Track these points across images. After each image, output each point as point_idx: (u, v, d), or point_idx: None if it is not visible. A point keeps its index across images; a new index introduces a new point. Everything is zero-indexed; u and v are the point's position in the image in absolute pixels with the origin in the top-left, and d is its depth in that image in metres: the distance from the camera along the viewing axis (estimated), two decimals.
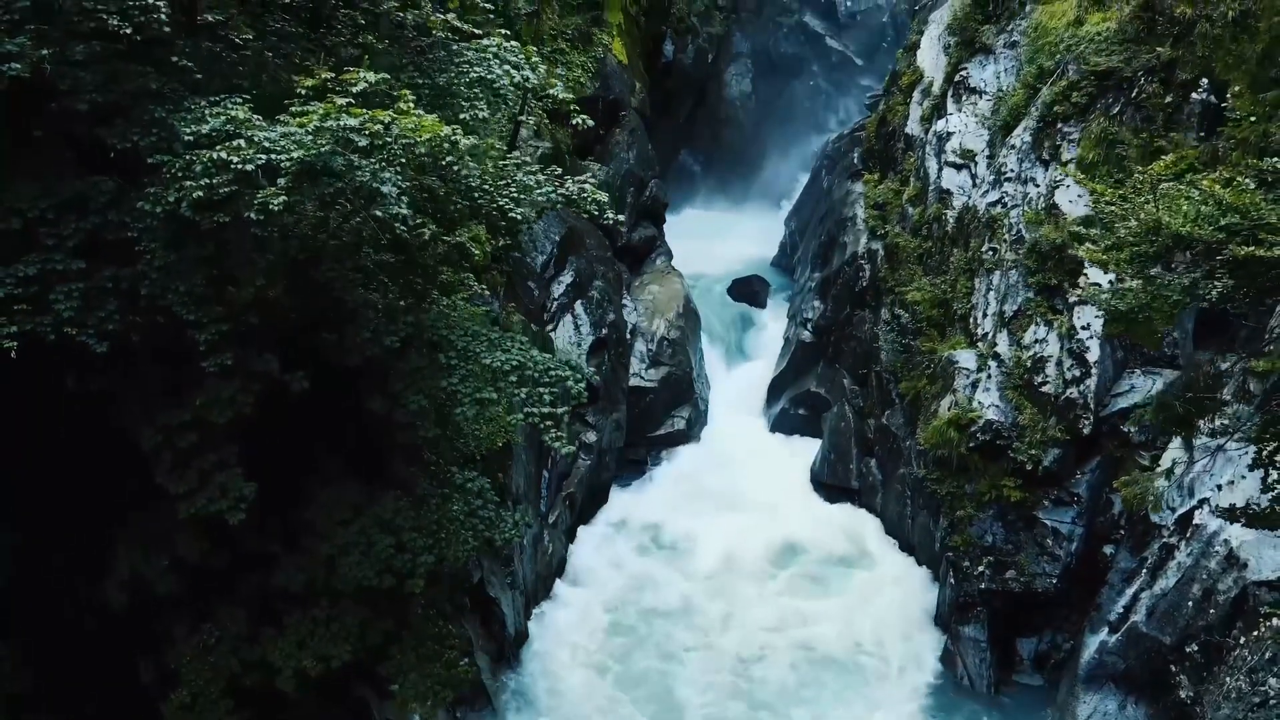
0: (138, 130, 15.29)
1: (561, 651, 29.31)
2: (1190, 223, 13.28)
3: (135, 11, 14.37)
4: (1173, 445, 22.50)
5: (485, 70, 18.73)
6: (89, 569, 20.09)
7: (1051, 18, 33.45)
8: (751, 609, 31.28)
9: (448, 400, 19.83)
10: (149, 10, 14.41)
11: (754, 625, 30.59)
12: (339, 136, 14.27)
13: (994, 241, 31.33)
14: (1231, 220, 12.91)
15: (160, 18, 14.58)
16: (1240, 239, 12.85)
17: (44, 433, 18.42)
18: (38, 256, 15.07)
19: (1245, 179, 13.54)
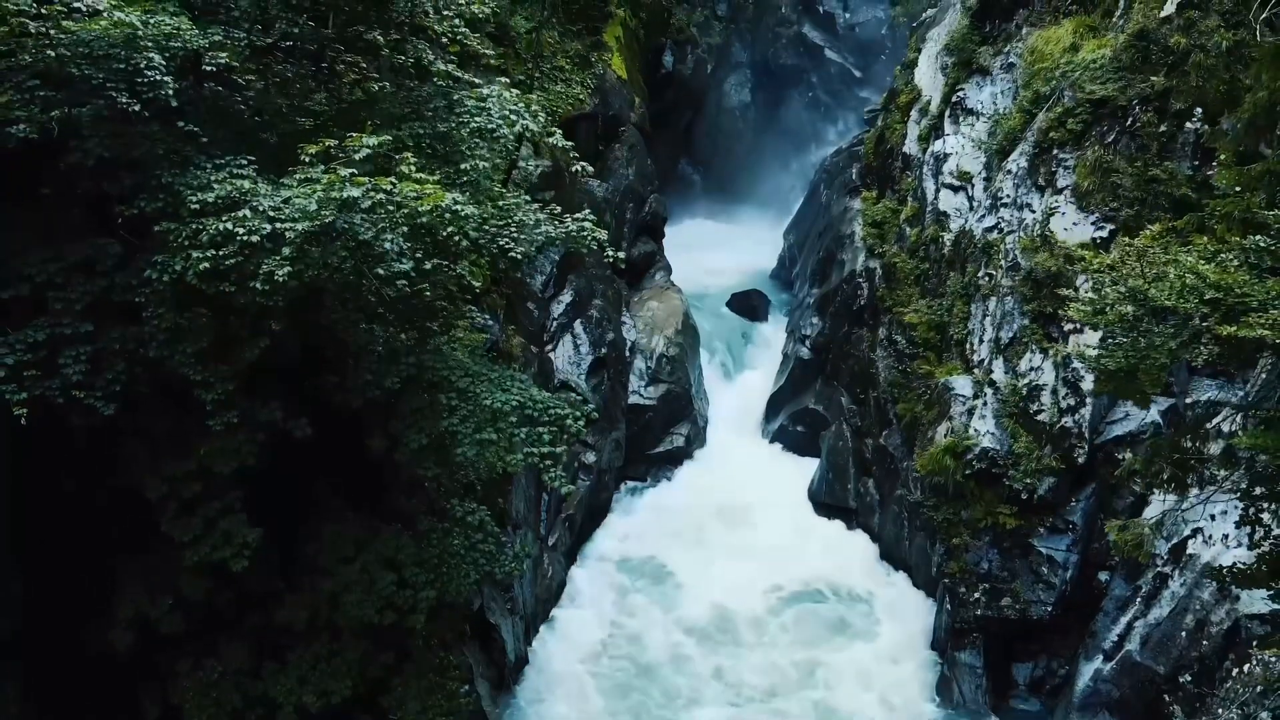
0: (144, 196, 15.51)
1: (562, 678, 29.47)
2: (1175, 295, 13.52)
3: (144, 88, 14.59)
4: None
5: (485, 120, 18.94)
6: (93, 608, 20.31)
7: (1047, 43, 33.62)
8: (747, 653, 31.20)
9: (448, 441, 20.04)
10: (156, 86, 14.62)
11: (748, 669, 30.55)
12: (342, 206, 14.48)
13: (990, 267, 31.55)
14: (1215, 295, 13.15)
15: (167, 93, 14.80)
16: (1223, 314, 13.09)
17: (49, 476, 18.66)
18: (47, 321, 15.33)
19: (1230, 254, 13.78)
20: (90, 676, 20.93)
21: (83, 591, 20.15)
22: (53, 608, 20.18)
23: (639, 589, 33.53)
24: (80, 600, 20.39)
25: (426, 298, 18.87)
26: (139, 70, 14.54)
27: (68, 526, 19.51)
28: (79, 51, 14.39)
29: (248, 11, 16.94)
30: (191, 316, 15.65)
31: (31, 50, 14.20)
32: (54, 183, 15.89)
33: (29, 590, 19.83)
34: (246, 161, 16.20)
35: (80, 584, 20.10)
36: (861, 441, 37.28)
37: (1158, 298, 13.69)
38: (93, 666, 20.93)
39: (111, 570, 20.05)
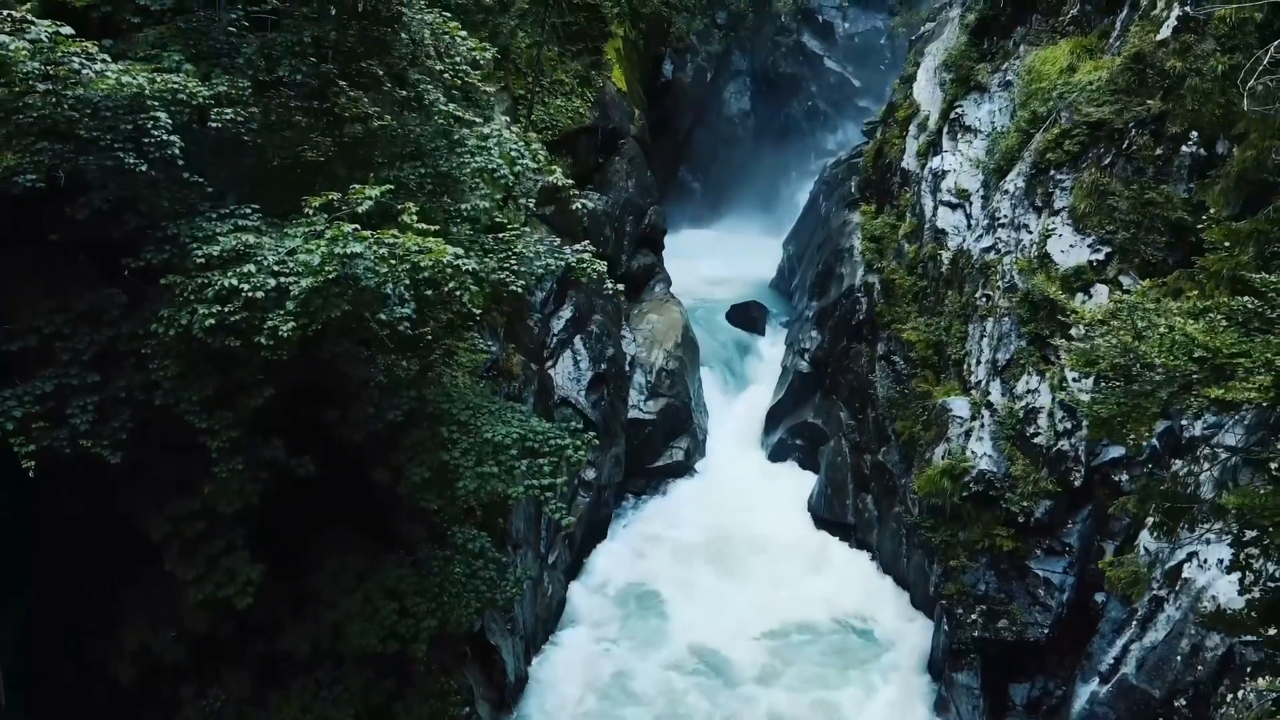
0: (150, 248, 15.70)
1: (563, 700, 29.64)
2: (1165, 352, 13.70)
3: (151, 148, 14.78)
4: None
5: (486, 160, 19.14)
6: (98, 635, 20.52)
7: (1044, 62, 33.73)
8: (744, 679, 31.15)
9: (449, 474, 20.24)
10: (163, 146, 14.82)
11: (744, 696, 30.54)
12: (345, 261, 14.67)
13: (987, 288, 31.72)
14: (1202, 355, 13.34)
15: (174, 152, 14.99)
16: (1211, 373, 13.30)
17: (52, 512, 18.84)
18: (54, 372, 15.54)
19: (1218, 315, 13.97)
20: (94, 703, 21.14)
21: (87, 618, 20.34)
22: (57, 634, 20.38)
23: (638, 609, 33.66)
24: (85, 627, 20.59)
25: (428, 334, 18.98)
26: (146, 130, 14.74)
27: (72, 551, 19.69)
28: (86, 112, 14.58)
29: (252, 59, 17.09)
30: (197, 366, 15.83)
31: (39, 109, 14.37)
32: (60, 228, 16.07)
33: (34, 615, 20.04)
34: (250, 210, 16.38)
35: (85, 611, 20.30)
36: (860, 457, 37.48)
37: (1148, 354, 13.89)
38: (97, 693, 21.14)
39: (115, 599, 20.25)
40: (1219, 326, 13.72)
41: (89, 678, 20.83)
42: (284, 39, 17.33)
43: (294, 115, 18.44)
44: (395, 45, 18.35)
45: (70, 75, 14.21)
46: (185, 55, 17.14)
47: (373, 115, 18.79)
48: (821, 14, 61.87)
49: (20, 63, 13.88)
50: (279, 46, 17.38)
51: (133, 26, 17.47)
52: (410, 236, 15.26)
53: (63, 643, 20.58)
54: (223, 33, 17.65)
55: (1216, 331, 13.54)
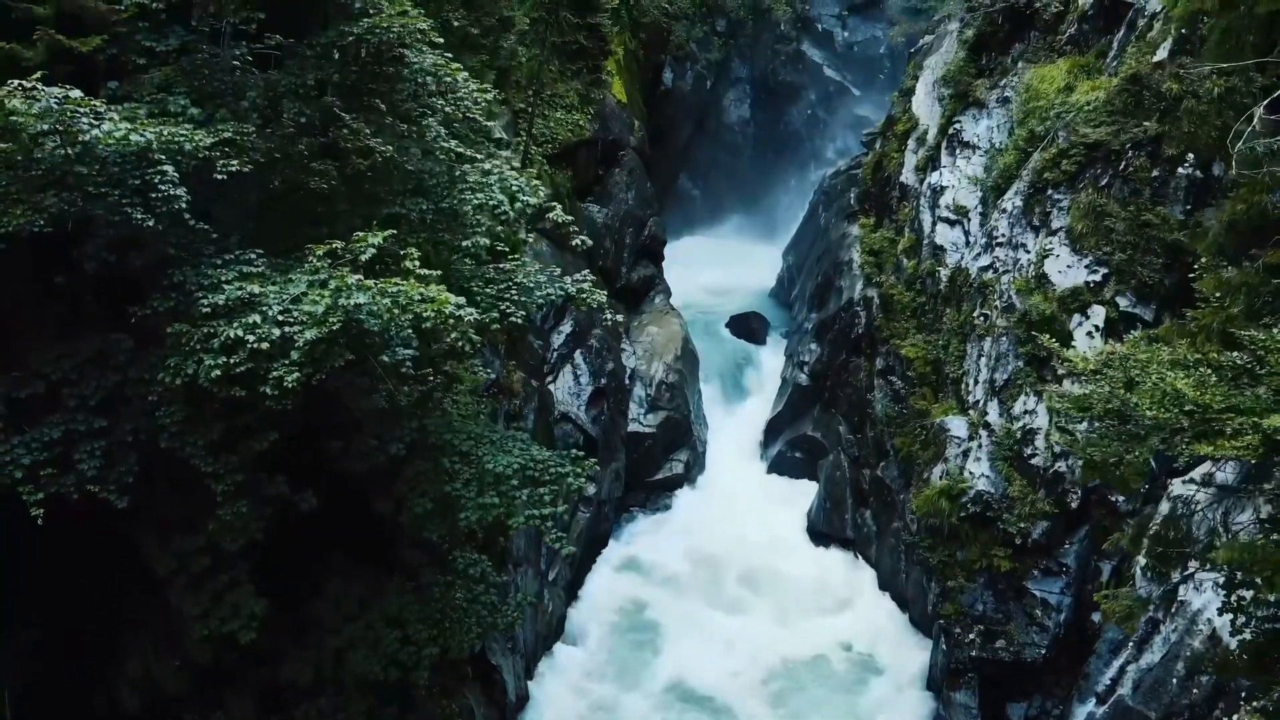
0: (156, 295, 15.89)
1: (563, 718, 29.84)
2: (1156, 405, 13.88)
3: (158, 203, 14.97)
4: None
5: (487, 197, 19.32)
6: (102, 666, 20.69)
7: (1042, 80, 33.92)
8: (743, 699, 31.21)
9: (451, 505, 20.40)
10: (170, 200, 15.00)
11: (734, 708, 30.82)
12: (349, 311, 14.85)
13: (985, 307, 31.89)
14: (1192, 409, 13.54)
15: (180, 206, 15.17)
16: (1200, 428, 13.49)
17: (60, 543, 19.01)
18: (61, 418, 15.73)
19: (1208, 370, 14.16)
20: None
21: (93, 647, 20.51)
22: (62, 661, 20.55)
23: (634, 639, 33.66)
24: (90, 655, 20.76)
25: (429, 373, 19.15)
26: (153, 185, 14.92)
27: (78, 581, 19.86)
28: (95, 167, 14.76)
29: (255, 102, 17.25)
30: (202, 411, 16.01)
31: (48, 163, 14.55)
32: (66, 271, 16.25)
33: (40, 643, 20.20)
34: (255, 255, 16.56)
35: (90, 639, 20.47)
36: (859, 472, 37.67)
37: (1139, 406, 14.08)
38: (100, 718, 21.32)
39: (121, 629, 20.42)
40: (1208, 381, 13.91)
41: (93, 704, 20.99)
42: (287, 80, 17.50)
43: (297, 148, 18.54)
44: (398, 84, 18.48)
45: (79, 134, 14.37)
46: (190, 97, 17.31)
47: (375, 147, 18.91)
48: (821, 23, 62.02)
49: (30, 127, 14.07)
50: (282, 87, 17.53)
51: (138, 68, 17.62)
52: (413, 285, 15.43)
53: (68, 670, 20.74)
54: (228, 72, 17.79)
55: (1206, 386, 13.73)
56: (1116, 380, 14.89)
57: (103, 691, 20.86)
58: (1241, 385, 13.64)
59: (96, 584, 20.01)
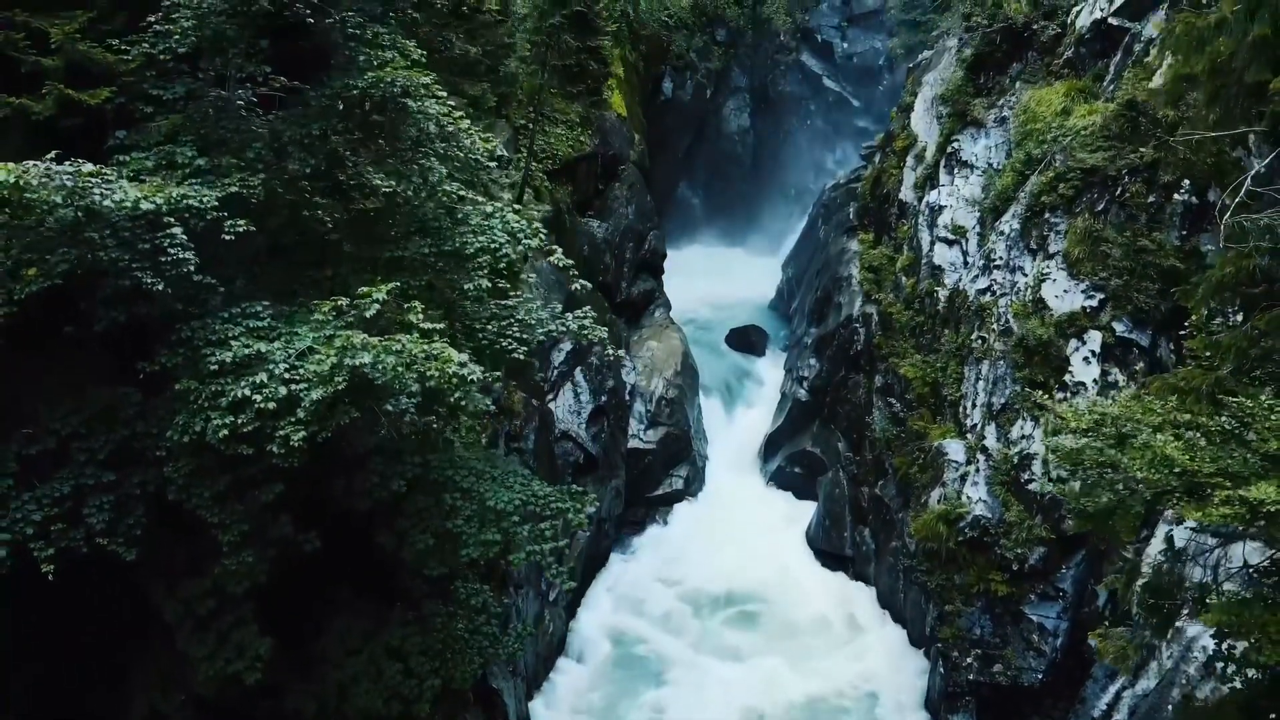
0: (164, 351, 16.11)
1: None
2: (1146, 466, 14.12)
3: (167, 267, 15.20)
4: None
5: (489, 240, 19.54)
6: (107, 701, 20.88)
7: (1039, 103, 34.14)
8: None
9: (452, 541, 20.61)
10: (179, 264, 15.23)
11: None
12: (354, 370, 15.09)
13: (983, 330, 32.12)
14: (1181, 472, 13.78)
15: (190, 270, 15.40)
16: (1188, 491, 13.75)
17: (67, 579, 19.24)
18: (71, 472, 15.95)
19: (1197, 433, 14.41)
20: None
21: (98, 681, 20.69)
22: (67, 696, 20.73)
23: (637, 646, 33.98)
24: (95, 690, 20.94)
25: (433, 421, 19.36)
26: (162, 249, 15.15)
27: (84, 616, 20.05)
28: (105, 233, 14.98)
29: (261, 154, 17.47)
30: (209, 464, 16.24)
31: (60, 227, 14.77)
32: (75, 320, 16.46)
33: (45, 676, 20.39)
34: (261, 307, 16.78)
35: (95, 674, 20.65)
36: (858, 490, 37.90)
37: (1129, 468, 14.33)
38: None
39: (126, 664, 20.61)
40: (1198, 444, 14.15)
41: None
42: (292, 131, 17.71)
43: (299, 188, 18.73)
44: (400, 128, 18.71)
45: (92, 205, 14.59)
46: (196, 146, 17.52)
47: (379, 184, 19.12)
48: (820, 34, 62.23)
49: (44, 202, 14.29)
50: (287, 137, 17.74)
51: (145, 116, 17.83)
52: (417, 341, 15.64)
53: (73, 704, 20.93)
54: (234, 118, 17.99)
55: (1195, 449, 13.97)
56: (1108, 436, 15.13)
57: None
58: (1230, 449, 13.87)
59: (102, 624, 20.20)
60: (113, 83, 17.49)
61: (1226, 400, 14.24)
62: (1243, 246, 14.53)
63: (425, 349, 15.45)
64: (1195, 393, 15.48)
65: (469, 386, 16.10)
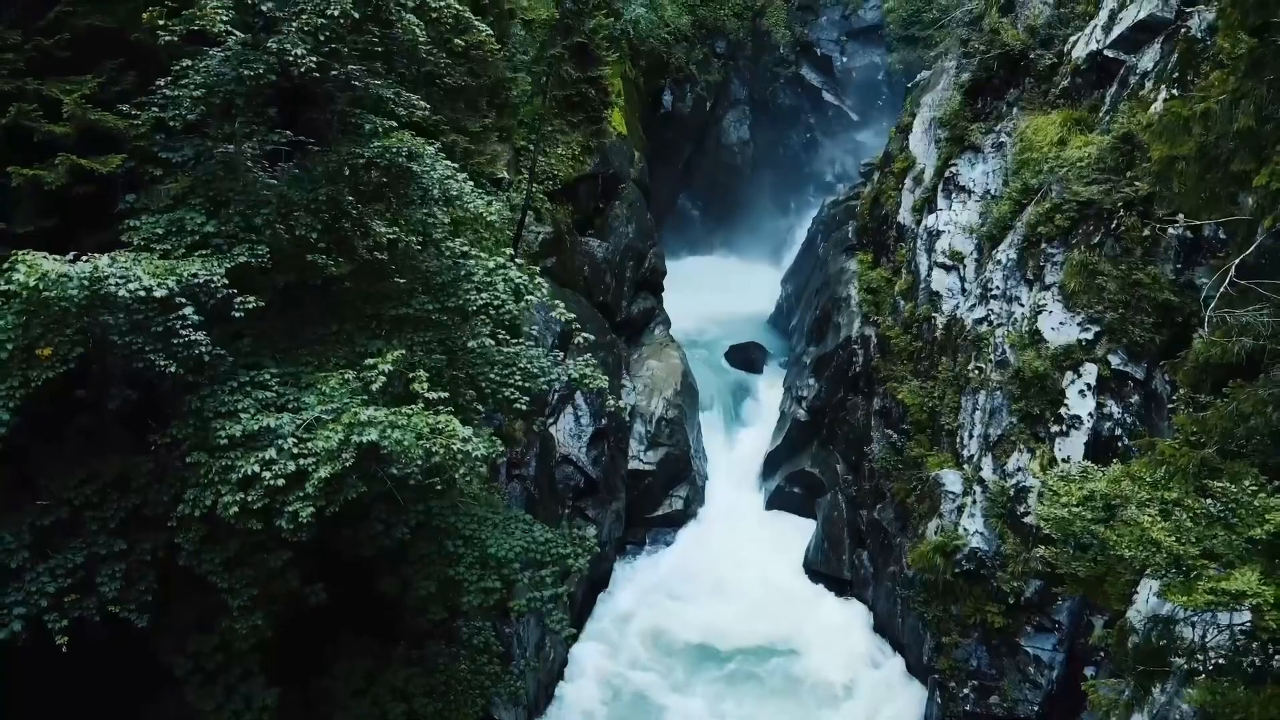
0: (175, 423, 16.44)
1: None
2: (1135, 546, 14.44)
3: (179, 349, 15.51)
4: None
5: (491, 297, 19.87)
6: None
7: (1036, 132, 34.39)
8: None
9: (454, 588, 20.94)
10: (191, 346, 15.55)
11: None
12: (361, 448, 15.41)
13: (980, 360, 32.40)
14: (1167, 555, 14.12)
15: (201, 351, 15.72)
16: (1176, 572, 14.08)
17: None
18: (83, 542, 16.30)
19: (1184, 515, 14.73)
20: None
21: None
22: None
23: (637, 672, 34.34)
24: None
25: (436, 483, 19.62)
26: (174, 331, 15.46)
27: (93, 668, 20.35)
28: (119, 315, 15.30)
29: (269, 219, 17.75)
30: (219, 533, 16.56)
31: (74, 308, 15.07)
32: (86, 386, 16.76)
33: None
34: (270, 375, 17.09)
35: None
36: (856, 513, 38.21)
37: (1117, 545, 14.66)
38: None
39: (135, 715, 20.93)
40: (1184, 525, 14.47)
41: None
42: (300, 195, 17.99)
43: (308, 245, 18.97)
44: (408, 192, 19.04)
45: (107, 295, 14.90)
46: (205, 210, 17.83)
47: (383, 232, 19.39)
48: (820, 47, 62.43)
49: (62, 298, 14.61)
50: (295, 202, 18.02)
51: (155, 178, 18.16)
52: (422, 415, 15.96)
53: None
54: (243, 178, 18.28)
55: (1181, 529, 14.30)
56: (1097, 509, 15.45)
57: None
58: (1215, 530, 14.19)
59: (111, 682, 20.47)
60: (122, 148, 17.80)
61: (1212, 485, 14.56)
62: (1227, 341, 14.84)
63: (431, 423, 15.76)
64: (1182, 472, 15.79)
65: (473, 463, 16.41)
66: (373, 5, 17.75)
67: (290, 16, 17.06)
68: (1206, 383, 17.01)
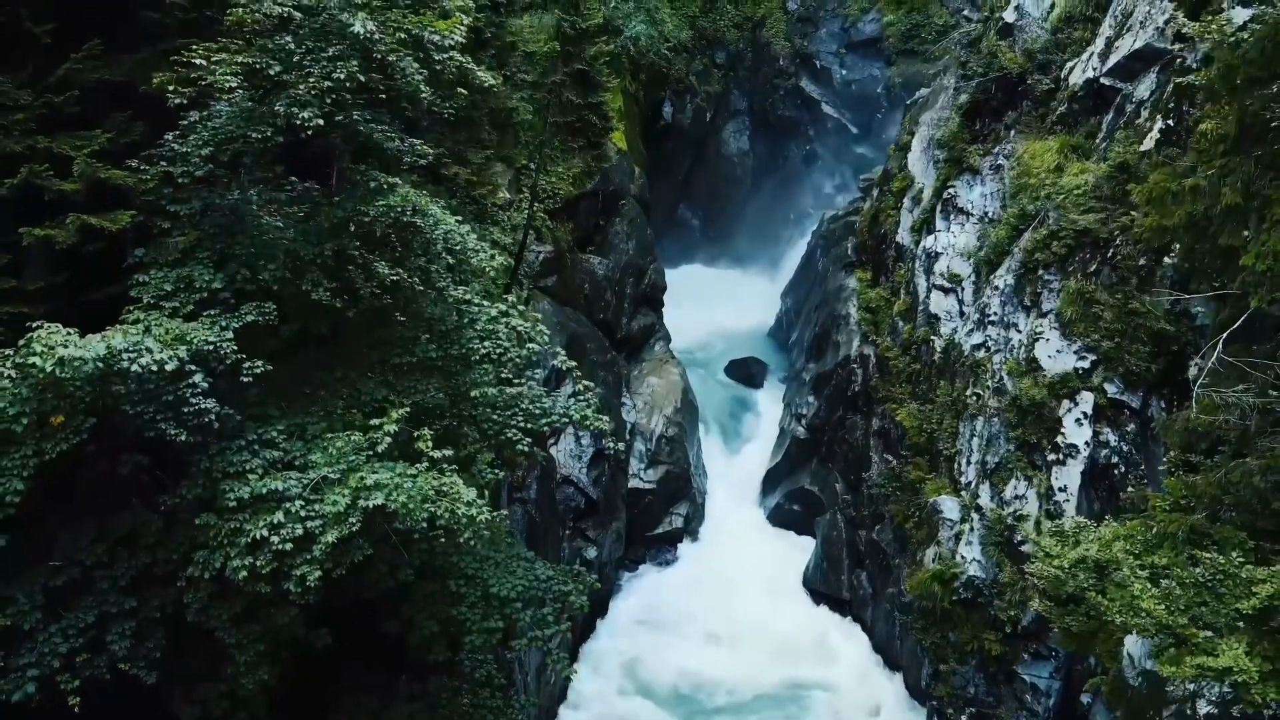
0: (185, 483, 16.71)
1: None
2: (1124, 610, 14.72)
3: (189, 417, 15.79)
4: None
5: (494, 345, 20.15)
6: None
7: (1034, 156, 34.59)
8: None
9: (457, 627, 21.22)
10: (201, 414, 15.83)
11: None
12: (367, 512, 15.70)
13: (978, 386, 32.66)
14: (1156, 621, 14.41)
15: (211, 419, 16.00)
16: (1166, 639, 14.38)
17: None
18: (94, 601, 16.58)
19: (1173, 583, 15.02)
20: None
21: None
22: None
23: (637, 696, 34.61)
24: None
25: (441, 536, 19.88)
26: (185, 400, 15.74)
27: None
28: (131, 385, 15.56)
29: (276, 274, 18.01)
30: (227, 591, 16.84)
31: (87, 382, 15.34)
32: (99, 443, 17.02)
33: None
34: (277, 432, 17.36)
35: None
36: (855, 533, 38.48)
37: (1108, 611, 14.95)
38: None
39: None
40: (1174, 593, 14.76)
41: None
42: (306, 250, 18.24)
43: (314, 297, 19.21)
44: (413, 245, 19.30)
45: (121, 371, 15.17)
46: (213, 262, 18.10)
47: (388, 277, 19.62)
48: (819, 59, 62.54)
49: (77, 378, 14.91)
50: (303, 258, 18.26)
51: (163, 231, 18.42)
52: (427, 477, 16.23)
53: None
54: (250, 230, 18.54)
55: (1171, 597, 14.58)
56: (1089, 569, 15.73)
57: None
58: (1203, 597, 14.47)
59: None
60: (131, 203, 18.06)
61: (1200, 555, 14.84)
62: (1214, 419, 15.10)
63: (436, 485, 16.03)
64: (1172, 538, 16.06)
65: (478, 526, 16.68)
66: (376, 63, 17.98)
67: (298, 79, 17.30)
68: (1198, 445, 17.28)
